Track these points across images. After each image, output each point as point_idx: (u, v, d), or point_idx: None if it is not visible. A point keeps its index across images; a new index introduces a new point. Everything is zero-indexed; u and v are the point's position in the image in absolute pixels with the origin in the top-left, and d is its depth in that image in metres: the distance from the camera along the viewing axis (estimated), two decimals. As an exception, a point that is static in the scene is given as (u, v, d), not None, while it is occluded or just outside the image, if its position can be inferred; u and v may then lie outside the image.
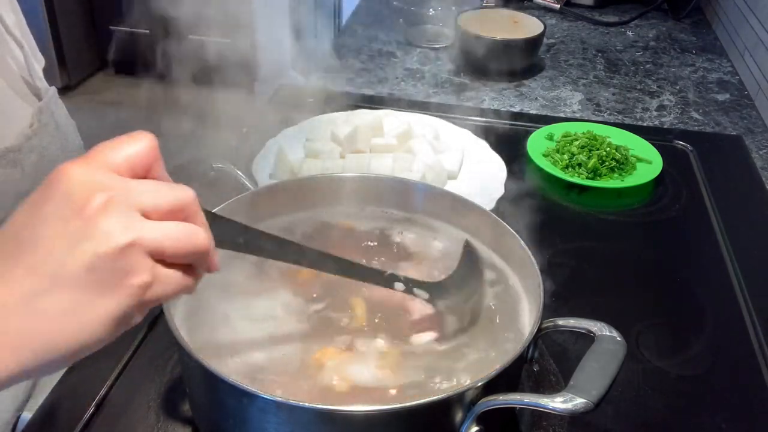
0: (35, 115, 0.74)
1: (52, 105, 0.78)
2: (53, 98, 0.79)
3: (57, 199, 0.42)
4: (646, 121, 1.35)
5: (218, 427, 0.64)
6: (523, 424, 0.72)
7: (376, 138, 1.10)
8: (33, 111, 0.75)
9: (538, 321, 0.63)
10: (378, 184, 0.83)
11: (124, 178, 0.44)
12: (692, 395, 0.78)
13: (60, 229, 0.42)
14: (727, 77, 1.54)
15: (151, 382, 0.74)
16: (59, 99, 0.81)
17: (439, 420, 0.58)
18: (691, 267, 0.98)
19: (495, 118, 1.28)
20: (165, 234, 0.44)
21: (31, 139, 0.73)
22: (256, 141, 1.09)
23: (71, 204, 0.42)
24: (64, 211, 0.42)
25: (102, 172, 0.43)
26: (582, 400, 0.55)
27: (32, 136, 0.73)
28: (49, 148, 0.75)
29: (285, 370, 0.64)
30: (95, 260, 0.41)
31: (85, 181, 0.42)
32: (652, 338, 0.84)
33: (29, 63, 0.76)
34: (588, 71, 1.54)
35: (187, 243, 0.45)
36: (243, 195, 0.78)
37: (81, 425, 0.69)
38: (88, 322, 0.42)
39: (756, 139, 1.30)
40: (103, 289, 0.42)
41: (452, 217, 0.80)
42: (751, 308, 0.89)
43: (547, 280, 0.67)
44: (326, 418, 0.56)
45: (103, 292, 0.42)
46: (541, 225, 1.00)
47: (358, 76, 1.46)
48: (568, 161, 1.14)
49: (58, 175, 0.43)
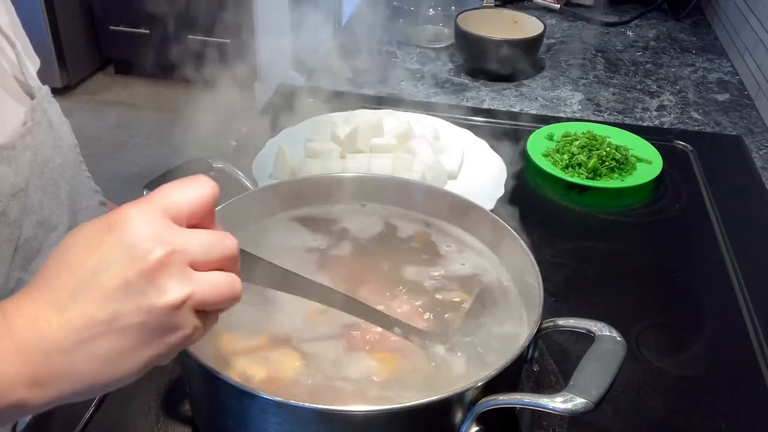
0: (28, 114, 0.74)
1: (45, 103, 0.78)
2: (46, 97, 0.79)
3: (118, 246, 0.44)
4: (646, 121, 1.35)
5: (218, 427, 0.64)
6: (523, 424, 0.72)
7: (376, 138, 1.10)
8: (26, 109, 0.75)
9: (538, 321, 0.63)
10: (378, 184, 0.83)
11: (181, 230, 0.46)
12: (692, 395, 0.78)
13: (119, 278, 0.43)
14: (727, 77, 1.54)
15: (151, 382, 0.74)
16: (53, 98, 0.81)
17: (439, 420, 0.58)
18: (691, 267, 0.98)
19: (495, 118, 1.28)
20: (213, 289, 0.46)
21: (25, 137, 0.73)
22: (256, 141, 1.09)
23: (132, 255, 0.43)
24: (125, 260, 0.43)
25: (162, 222, 0.45)
26: (582, 400, 0.55)
27: (26, 134, 0.73)
28: (43, 147, 0.75)
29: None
30: (149, 315, 0.44)
31: (146, 234, 0.44)
32: (652, 338, 0.84)
33: (22, 62, 0.76)
34: (588, 71, 1.54)
35: (228, 294, 0.47)
36: (243, 195, 0.78)
37: (81, 425, 0.70)
38: (130, 366, 0.45)
39: (756, 139, 1.30)
40: (150, 340, 0.45)
41: (452, 217, 0.81)
42: (751, 308, 0.89)
43: (547, 280, 0.67)
44: (326, 418, 0.56)
45: (150, 343, 0.45)
46: (541, 225, 1.00)
47: (358, 76, 1.46)
48: (568, 161, 1.14)
49: (120, 219, 0.44)
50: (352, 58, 1.53)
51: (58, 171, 0.78)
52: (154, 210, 0.45)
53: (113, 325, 0.44)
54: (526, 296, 0.71)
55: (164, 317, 0.44)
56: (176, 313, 0.44)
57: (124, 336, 0.44)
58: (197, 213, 0.47)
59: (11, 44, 0.75)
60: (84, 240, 0.45)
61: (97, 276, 0.43)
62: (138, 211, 0.45)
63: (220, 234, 0.48)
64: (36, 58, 0.85)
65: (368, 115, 1.16)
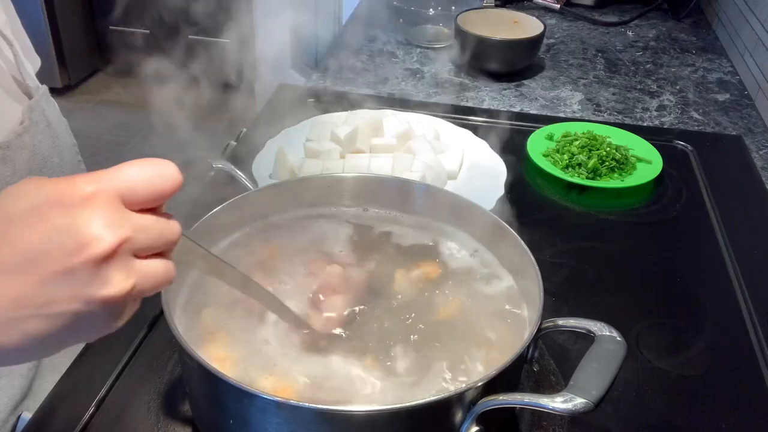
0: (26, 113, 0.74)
1: (43, 103, 0.78)
2: (44, 96, 0.79)
3: (66, 227, 0.41)
4: (646, 121, 1.35)
5: (218, 427, 0.64)
6: (523, 424, 0.72)
7: (376, 138, 1.10)
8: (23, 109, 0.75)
9: (538, 321, 0.63)
10: (378, 184, 0.83)
11: (132, 217, 0.43)
12: (692, 395, 0.78)
13: (62, 264, 0.41)
14: (727, 77, 1.54)
15: (151, 382, 0.74)
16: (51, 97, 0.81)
17: (439, 420, 0.58)
18: (691, 267, 0.98)
19: (495, 118, 1.28)
20: (153, 280, 0.45)
21: (22, 136, 0.73)
22: (256, 141, 1.09)
23: (79, 241, 0.41)
24: (71, 245, 0.41)
25: (115, 207, 0.42)
26: (582, 400, 0.55)
27: (23, 133, 0.73)
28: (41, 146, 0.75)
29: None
30: (86, 305, 0.42)
31: (97, 220, 0.41)
32: (652, 338, 0.84)
33: (19, 62, 0.76)
34: (588, 71, 1.54)
35: (164, 282, 0.46)
36: (243, 195, 0.78)
37: (81, 425, 0.69)
38: (55, 348, 0.45)
39: (756, 139, 1.30)
40: (81, 328, 0.44)
41: (452, 217, 0.80)
42: (751, 308, 0.89)
43: (547, 280, 0.67)
44: (326, 418, 0.56)
45: (80, 330, 0.44)
46: (541, 225, 1.00)
47: (358, 76, 1.46)
48: (568, 161, 1.14)
49: (72, 196, 0.41)
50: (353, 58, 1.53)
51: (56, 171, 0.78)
52: (109, 193, 0.42)
53: (45, 310, 0.42)
54: (526, 296, 0.71)
55: (100, 308, 0.42)
56: (114, 304, 0.43)
57: (54, 321, 0.42)
58: (153, 201, 0.44)
59: (9, 43, 0.75)
60: (29, 208, 0.42)
61: (38, 256, 0.41)
62: (92, 190, 0.42)
63: (165, 220, 0.45)
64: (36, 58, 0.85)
65: (368, 115, 1.16)
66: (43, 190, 0.42)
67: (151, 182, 0.44)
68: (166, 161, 0.45)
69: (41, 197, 0.42)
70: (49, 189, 0.42)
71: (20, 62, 0.76)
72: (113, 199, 0.42)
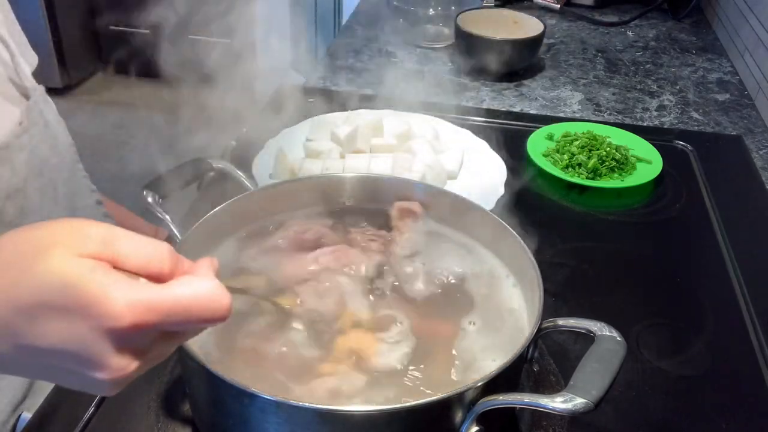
0: (24, 114, 0.74)
1: (41, 103, 0.78)
2: (42, 97, 0.78)
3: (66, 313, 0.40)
4: (646, 121, 1.35)
5: (218, 427, 0.64)
6: (523, 424, 0.72)
7: (376, 138, 1.10)
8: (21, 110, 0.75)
9: (538, 321, 0.63)
10: (378, 184, 0.83)
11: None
12: (692, 395, 0.78)
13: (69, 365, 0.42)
14: (727, 77, 1.54)
15: (151, 383, 0.74)
16: (48, 97, 0.80)
17: (439, 420, 0.58)
18: (691, 267, 0.98)
19: (495, 118, 1.28)
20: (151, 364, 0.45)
21: (21, 137, 0.73)
22: (256, 141, 1.09)
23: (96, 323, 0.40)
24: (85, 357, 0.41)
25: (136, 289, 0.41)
26: (582, 400, 0.55)
27: (21, 134, 0.73)
28: (39, 147, 0.75)
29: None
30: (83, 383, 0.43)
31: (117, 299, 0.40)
32: (652, 338, 0.84)
33: (16, 63, 0.76)
34: (588, 71, 1.54)
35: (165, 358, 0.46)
36: (243, 195, 0.78)
37: (81, 425, 0.69)
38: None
39: (756, 139, 1.30)
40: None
41: (452, 217, 0.80)
42: (751, 308, 0.89)
43: (547, 280, 0.67)
44: (326, 418, 0.56)
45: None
46: (541, 225, 1.00)
47: (358, 76, 1.46)
48: (568, 161, 1.14)
49: (106, 316, 0.40)
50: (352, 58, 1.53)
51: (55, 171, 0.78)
52: (149, 326, 0.41)
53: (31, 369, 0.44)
54: (526, 296, 0.71)
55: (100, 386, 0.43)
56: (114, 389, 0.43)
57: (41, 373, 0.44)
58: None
59: (4, 44, 0.75)
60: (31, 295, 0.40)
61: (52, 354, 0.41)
62: (132, 321, 0.40)
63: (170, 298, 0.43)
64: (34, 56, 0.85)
65: (368, 115, 1.16)
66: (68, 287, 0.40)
67: (193, 314, 0.43)
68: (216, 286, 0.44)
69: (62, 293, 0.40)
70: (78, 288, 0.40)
71: (17, 62, 0.76)
72: (150, 333, 0.42)
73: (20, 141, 0.73)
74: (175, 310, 0.42)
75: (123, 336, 0.41)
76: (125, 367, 0.42)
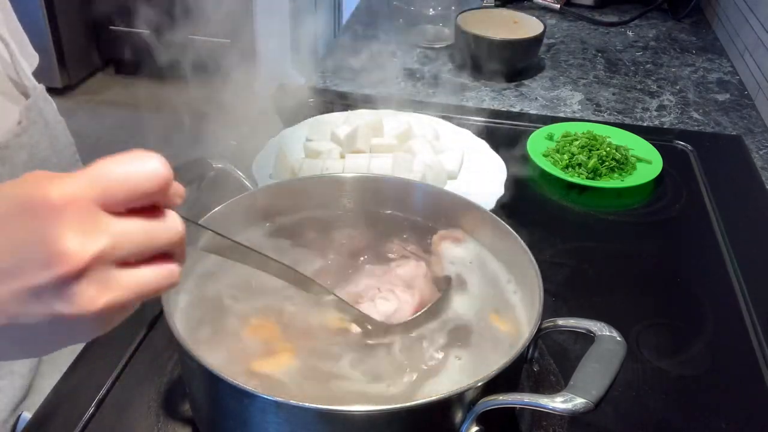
0: (23, 113, 0.74)
1: (41, 102, 0.78)
2: (42, 96, 0.78)
3: (36, 241, 0.38)
4: (646, 121, 1.35)
5: (218, 427, 0.64)
6: (523, 424, 0.72)
7: (376, 138, 1.10)
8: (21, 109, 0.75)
9: (538, 321, 0.63)
10: (378, 184, 0.83)
11: (113, 224, 0.40)
12: (692, 395, 0.78)
13: (29, 282, 0.38)
14: (727, 77, 1.54)
15: (151, 382, 0.74)
16: (48, 97, 0.80)
17: (439, 420, 0.58)
18: (691, 267, 0.98)
19: (495, 118, 1.28)
20: (136, 291, 0.41)
21: (20, 136, 0.73)
22: (256, 141, 1.09)
23: (50, 257, 0.38)
24: (40, 262, 0.38)
25: (92, 216, 0.39)
26: (582, 400, 0.55)
27: (21, 133, 0.73)
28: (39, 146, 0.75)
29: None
30: (53, 320, 0.40)
31: (71, 233, 0.38)
32: (652, 338, 0.84)
33: (15, 62, 0.76)
34: (588, 71, 1.54)
35: (157, 288, 0.42)
36: (243, 195, 0.78)
37: (81, 425, 0.69)
38: (13, 355, 0.45)
39: (756, 139, 1.30)
40: (43, 340, 0.42)
41: (452, 217, 0.80)
42: (751, 308, 0.89)
43: (547, 280, 0.67)
44: (326, 418, 0.56)
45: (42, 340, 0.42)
46: (541, 225, 1.00)
47: (358, 76, 1.46)
48: (568, 161, 1.14)
49: (44, 206, 0.38)
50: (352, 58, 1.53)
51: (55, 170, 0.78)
52: (81, 200, 0.39)
53: (18, 320, 0.40)
54: (526, 296, 0.71)
55: (74, 323, 0.40)
56: (87, 320, 0.40)
57: (29, 330, 0.40)
58: (136, 201, 0.40)
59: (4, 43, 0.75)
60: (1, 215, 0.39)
61: (8, 270, 0.38)
62: (63, 198, 0.38)
63: (157, 221, 0.41)
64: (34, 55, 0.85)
65: (368, 115, 1.16)
66: (14, 197, 0.39)
67: (129, 181, 0.40)
68: (149, 154, 0.41)
69: (12, 205, 0.39)
70: (20, 194, 0.39)
71: (16, 61, 0.76)
72: (87, 206, 0.39)
73: (20, 140, 0.73)
74: (112, 182, 0.40)
75: (68, 218, 0.38)
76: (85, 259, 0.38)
